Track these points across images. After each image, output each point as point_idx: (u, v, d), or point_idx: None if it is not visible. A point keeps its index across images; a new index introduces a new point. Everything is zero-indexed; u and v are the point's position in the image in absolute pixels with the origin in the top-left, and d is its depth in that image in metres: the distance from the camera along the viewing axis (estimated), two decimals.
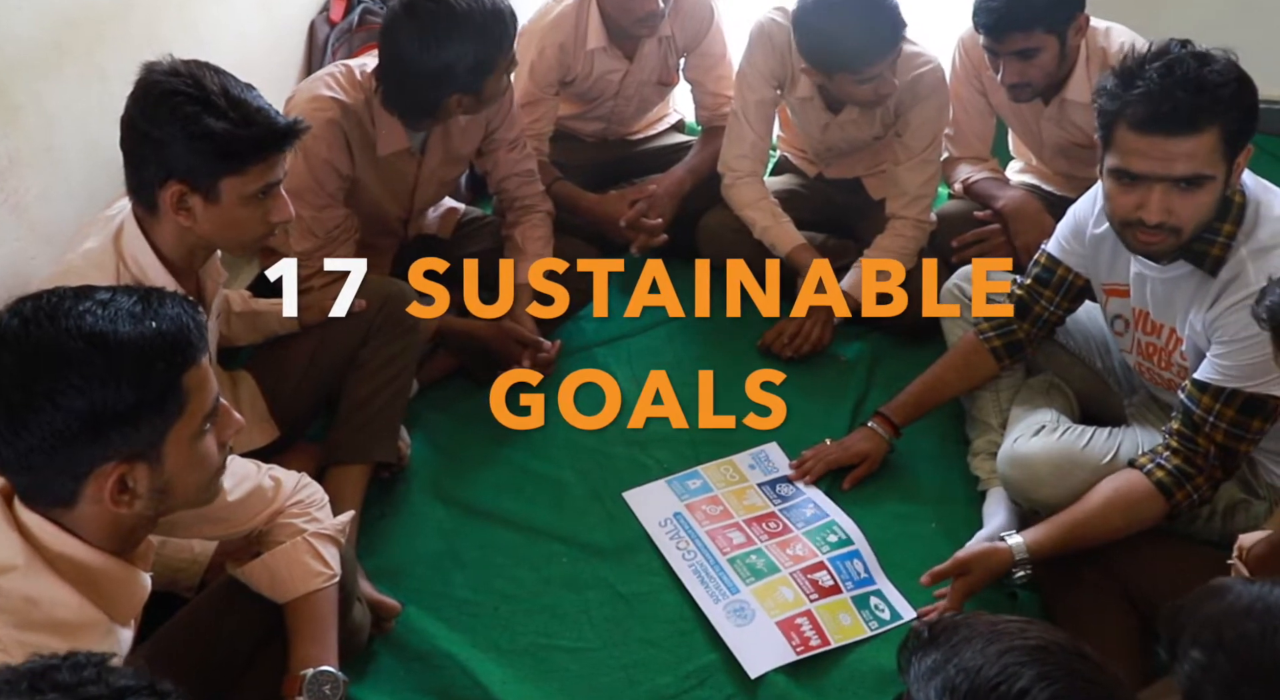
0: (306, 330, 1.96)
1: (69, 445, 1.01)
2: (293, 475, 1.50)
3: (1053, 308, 1.95)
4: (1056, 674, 0.78)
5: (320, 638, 1.41)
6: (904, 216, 2.37)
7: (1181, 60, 1.53)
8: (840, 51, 2.08)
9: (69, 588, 1.07)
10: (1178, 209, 1.55)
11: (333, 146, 1.98)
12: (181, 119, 1.43)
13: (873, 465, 2.06)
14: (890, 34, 2.06)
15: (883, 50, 2.06)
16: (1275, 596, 0.91)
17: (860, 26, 2.04)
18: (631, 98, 2.58)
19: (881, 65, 2.08)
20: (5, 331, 1.01)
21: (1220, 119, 1.50)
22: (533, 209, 2.36)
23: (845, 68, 2.09)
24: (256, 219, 1.55)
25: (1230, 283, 1.61)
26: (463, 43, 1.87)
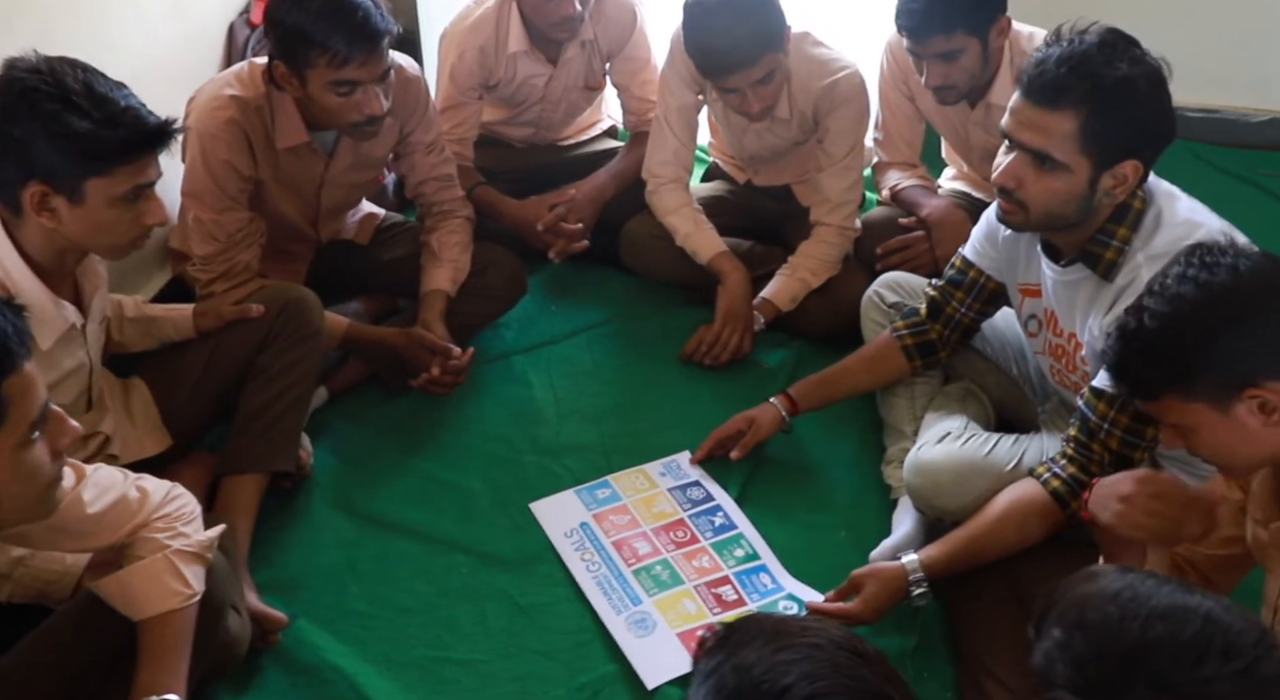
0: (202, 336, 1.92)
1: None
2: (163, 486, 1.44)
3: (964, 310, 1.93)
4: (823, 671, 0.76)
5: (168, 664, 1.35)
6: (827, 223, 2.34)
7: (1084, 40, 1.52)
8: (704, 60, 2.07)
9: None
10: (1027, 184, 1.56)
11: (232, 147, 1.94)
12: (41, 117, 1.39)
13: (759, 434, 2.02)
14: (750, 47, 2.01)
15: (741, 62, 2.02)
16: (1145, 587, 0.90)
17: (722, 37, 2.02)
18: (558, 103, 2.55)
19: (741, 78, 2.05)
20: None
21: (1082, 106, 1.49)
22: (451, 214, 2.33)
23: (708, 74, 2.08)
24: (127, 222, 1.51)
25: (1125, 289, 1.58)
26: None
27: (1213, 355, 1.21)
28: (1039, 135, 1.53)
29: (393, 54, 2.11)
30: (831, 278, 2.35)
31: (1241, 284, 1.21)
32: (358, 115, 1.90)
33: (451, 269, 2.27)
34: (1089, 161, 1.53)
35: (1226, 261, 1.22)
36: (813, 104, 2.24)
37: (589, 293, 2.56)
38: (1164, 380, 1.25)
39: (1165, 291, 1.23)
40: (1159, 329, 1.22)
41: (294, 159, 2.05)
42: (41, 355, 1.53)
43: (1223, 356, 1.20)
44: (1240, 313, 1.20)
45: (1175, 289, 1.22)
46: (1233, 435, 1.23)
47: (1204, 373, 1.22)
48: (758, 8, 2.02)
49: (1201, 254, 1.24)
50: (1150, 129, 1.53)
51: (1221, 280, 1.21)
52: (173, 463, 1.92)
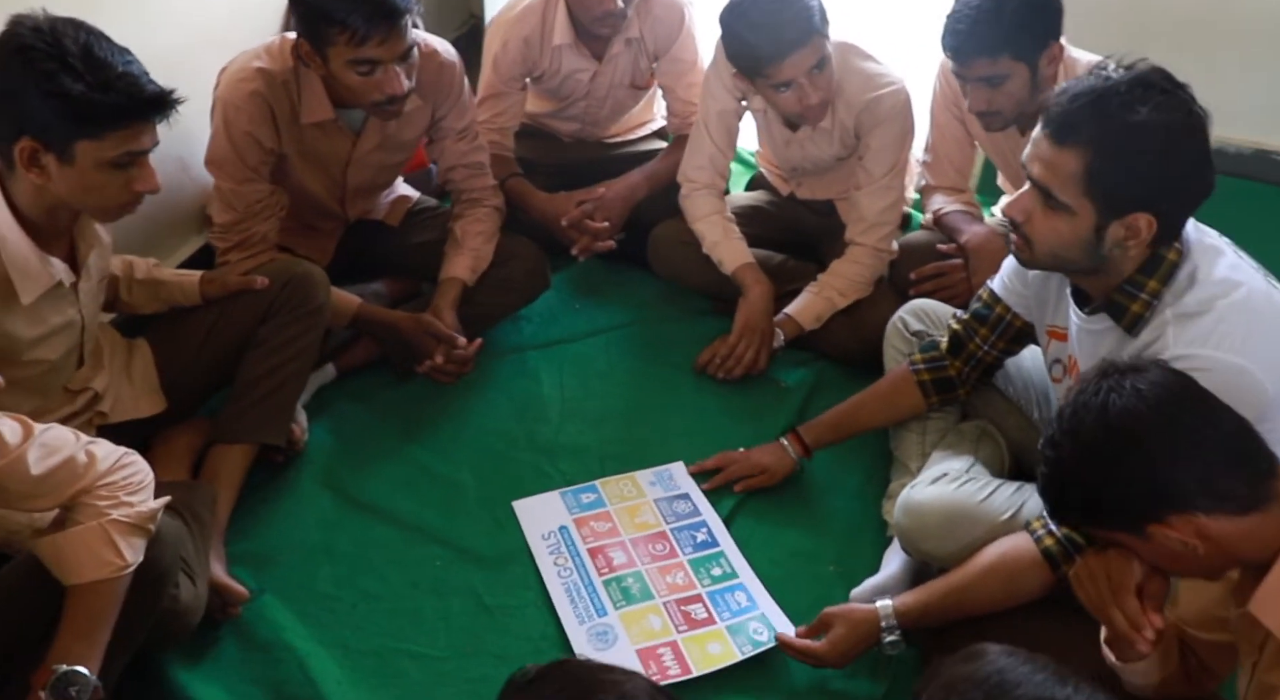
0: (208, 304, 1.93)
1: None
2: (115, 453, 1.43)
3: (987, 347, 1.82)
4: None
5: (88, 633, 1.35)
6: (862, 243, 2.25)
7: (1117, 76, 1.41)
8: (750, 51, 1.98)
9: None
10: (1034, 220, 1.48)
11: (254, 119, 1.95)
12: (35, 76, 1.40)
13: (771, 479, 1.98)
14: (797, 29, 1.93)
15: (790, 46, 1.94)
16: (1017, 674, 0.87)
17: (765, 26, 1.94)
18: (603, 99, 2.51)
19: (794, 65, 1.96)
20: None
21: (1089, 147, 1.39)
22: (479, 203, 2.31)
23: (759, 71, 1.99)
24: (116, 186, 1.51)
25: (1149, 346, 1.46)
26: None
27: (1114, 491, 1.14)
28: (1047, 171, 1.43)
29: (428, 38, 2.12)
30: (860, 300, 2.26)
31: (1144, 411, 1.13)
32: (379, 94, 1.89)
33: (472, 258, 2.25)
34: (1093, 207, 1.42)
35: (1130, 384, 1.14)
36: (855, 118, 2.15)
37: (615, 293, 2.52)
38: (1071, 512, 1.21)
39: (1068, 418, 1.17)
40: (1057, 460, 1.17)
41: (320, 135, 2.05)
42: (25, 310, 1.57)
43: (1123, 493, 1.14)
44: (1140, 446, 1.13)
45: (1077, 416, 1.15)
46: (1167, 557, 1.17)
47: (1107, 508, 1.16)
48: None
49: (1107, 374, 1.17)
50: (1165, 183, 1.40)
51: (1122, 407, 1.13)
52: (169, 426, 1.95)
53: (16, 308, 1.55)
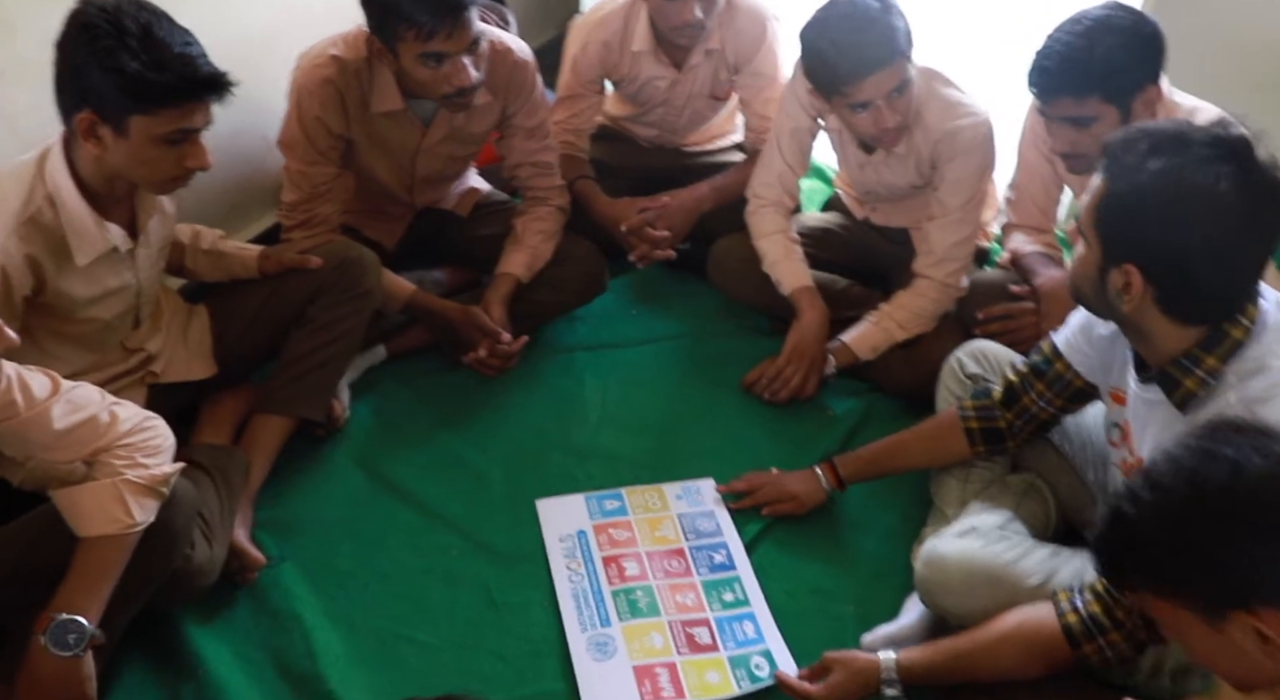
0: (264, 278, 2.00)
1: None
2: (137, 415, 1.49)
3: (1043, 403, 1.74)
4: None
5: (90, 585, 1.40)
6: (929, 276, 2.18)
7: (1175, 126, 1.36)
8: (830, 68, 1.93)
9: None
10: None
11: (325, 105, 2.00)
12: (96, 52, 1.46)
13: (799, 508, 1.94)
14: (879, 50, 1.88)
15: (871, 67, 1.88)
16: None
17: (847, 40, 1.88)
18: (682, 108, 2.50)
19: (873, 86, 1.90)
20: None
21: (1104, 183, 1.38)
22: (543, 202, 2.33)
23: (836, 89, 1.94)
24: (168, 161, 1.57)
25: None
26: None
27: (1196, 566, 1.01)
28: (1088, 194, 1.41)
29: (502, 36, 2.15)
30: (921, 334, 2.19)
31: (1241, 487, 0.99)
32: (448, 87, 1.92)
33: (529, 255, 2.27)
34: (1099, 242, 1.38)
35: (1229, 453, 1.00)
36: (932, 146, 2.09)
37: (673, 303, 2.50)
38: (1132, 576, 1.08)
39: (1154, 477, 1.04)
40: (1136, 517, 1.04)
41: (390, 124, 2.09)
42: (81, 271, 1.64)
43: (1207, 570, 1.01)
44: (1234, 523, 1.00)
45: (1165, 477, 1.03)
46: (1224, 653, 1.03)
47: (1185, 583, 1.03)
48: (881, 12, 1.89)
49: (1208, 437, 1.04)
50: (1165, 247, 1.32)
51: (1218, 478, 1.00)
52: (218, 391, 2.02)
53: (72, 268, 1.63)
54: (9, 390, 1.37)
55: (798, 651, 1.72)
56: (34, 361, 1.66)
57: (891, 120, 1.95)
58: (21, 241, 1.55)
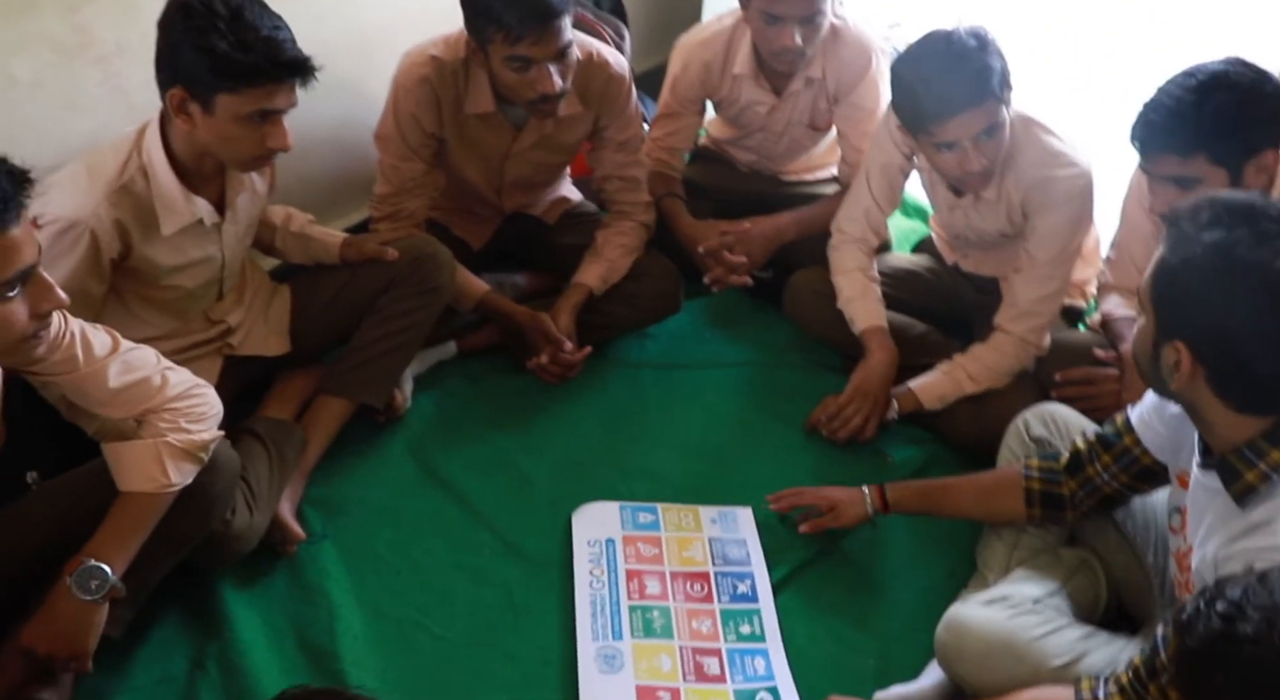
0: (345, 265, 2.08)
1: None
2: (188, 381, 1.57)
3: (1106, 476, 1.65)
4: None
5: (120, 537, 1.48)
6: (1008, 331, 2.10)
7: (1236, 198, 1.28)
8: (917, 105, 1.87)
9: None
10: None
11: (420, 103, 2.07)
12: (189, 32, 1.56)
13: (836, 520, 1.89)
14: (969, 89, 1.81)
15: (959, 106, 1.82)
16: None
17: (937, 77, 1.83)
18: (780, 135, 2.48)
19: (960, 126, 1.84)
20: None
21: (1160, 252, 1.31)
22: (627, 216, 2.35)
23: (923, 126, 1.88)
24: (252, 140, 1.66)
25: (1260, 527, 1.29)
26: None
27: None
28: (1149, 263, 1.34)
29: (601, 49, 2.18)
30: (993, 390, 2.11)
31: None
32: (533, 92, 1.96)
33: (605, 268, 2.29)
34: (1153, 317, 1.31)
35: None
36: (1024, 194, 2.01)
37: (747, 331, 2.48)
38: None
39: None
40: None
41: (482, 126, 2.15)
42: (166, 240, 1.75)
43: None
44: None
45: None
46: None
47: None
48: (977, 50, 1.83)
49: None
50: (1203, 324, 1.26)
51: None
52: (290, 368, 2.10)
53: (158, 237, 1.74)
54: (71, 345, 1.47)
55: (806, 698, 1.68)
56: (121, 322, 1.79)
57: (977, 163, 1.88)
58: (112, 207, 1.66)
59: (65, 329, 1.47)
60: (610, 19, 2.82)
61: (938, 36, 1.87)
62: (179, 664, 1.69)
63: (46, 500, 1.60)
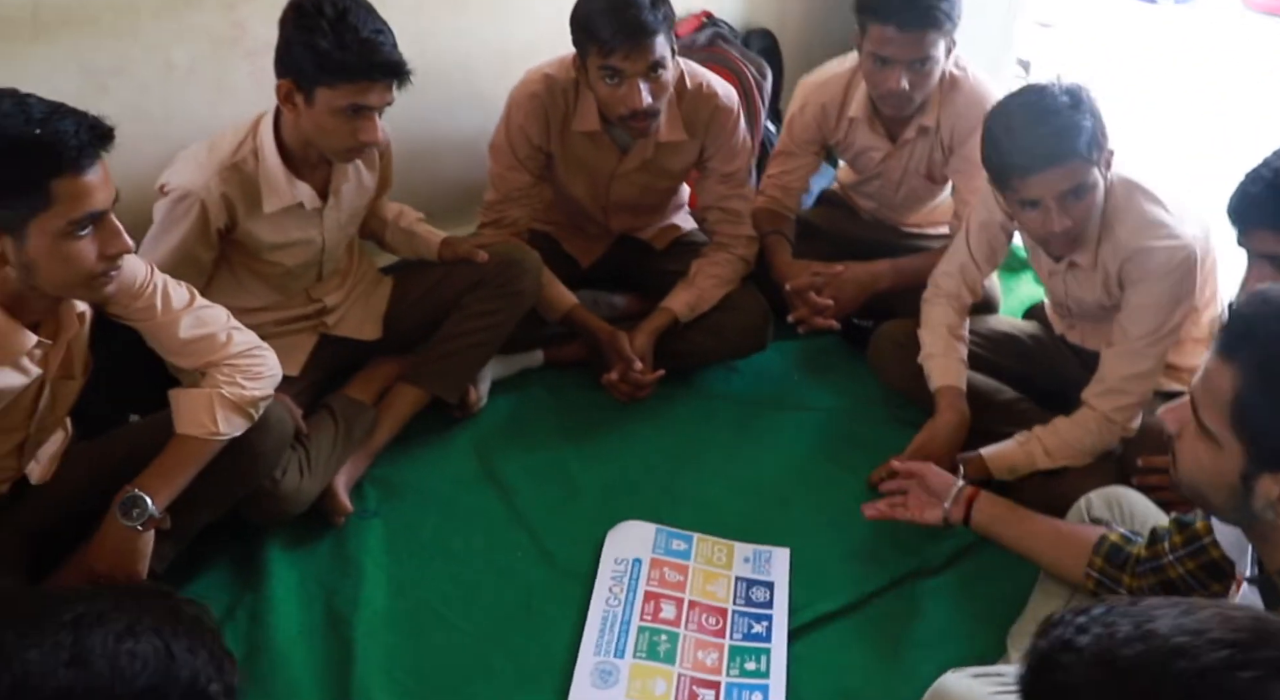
0: (441, 263, 2.20)
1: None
2: (250, 342, 1.71)
3: (1173, 557, 1.53)
4: None
5: (166, 474, 1.61)
6: (1094, 407, 1.98)
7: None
8: (1001, 158, 1.80)
9: None
10: (1184, 437, 1.23)
11: (530, 117, 2.17)
12: (298, 28, 1.72)
13: (909, 509, 1.88)
14: (1054, 145, 1.73)
15: (1041, 162, 1.74)
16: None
17: (1023, 130, 1.75)
18: (896, 184, 2.44)
19: (1041, 184, 1.75)
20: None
21: (1244, 371, 1.13)
22: (726, 248, 2.37)
23: (1007, 182, 1.81)
24: (344, 132, 1.79)
25: None
26: None
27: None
28: (1201, 383, 1.18)
29: (712, 81, 2.22)
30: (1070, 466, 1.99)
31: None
32: (623, 107, 2.03)
33: (695, 296, 2.32)
34: (1242, 446, 1.14)
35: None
36: (1120, 264, 1.90)
37: (836, 378, 2.45)
38: None
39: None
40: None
41: (588, 144, 2.23)
42: (267, 217, 1.91)
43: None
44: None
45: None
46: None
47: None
48: (1068, 107, 1.75)
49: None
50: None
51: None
52: (381, 354, 2.24)
53: (260, 214, 1.90)
54: (152, 295, 1.63)
55: None
56: (229, 289, 1.98)
57: (1059, 224, 1.80)
58: (221, 182, 1.83)
59: (150, 280, 1.64)
60: (755, 59, 2.87)
61: (1031, 90, 1.80)
62: (214, 609, 1.79)
63: (128, 437, 1.78)
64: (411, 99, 2.42)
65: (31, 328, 1.48)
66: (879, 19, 2.05)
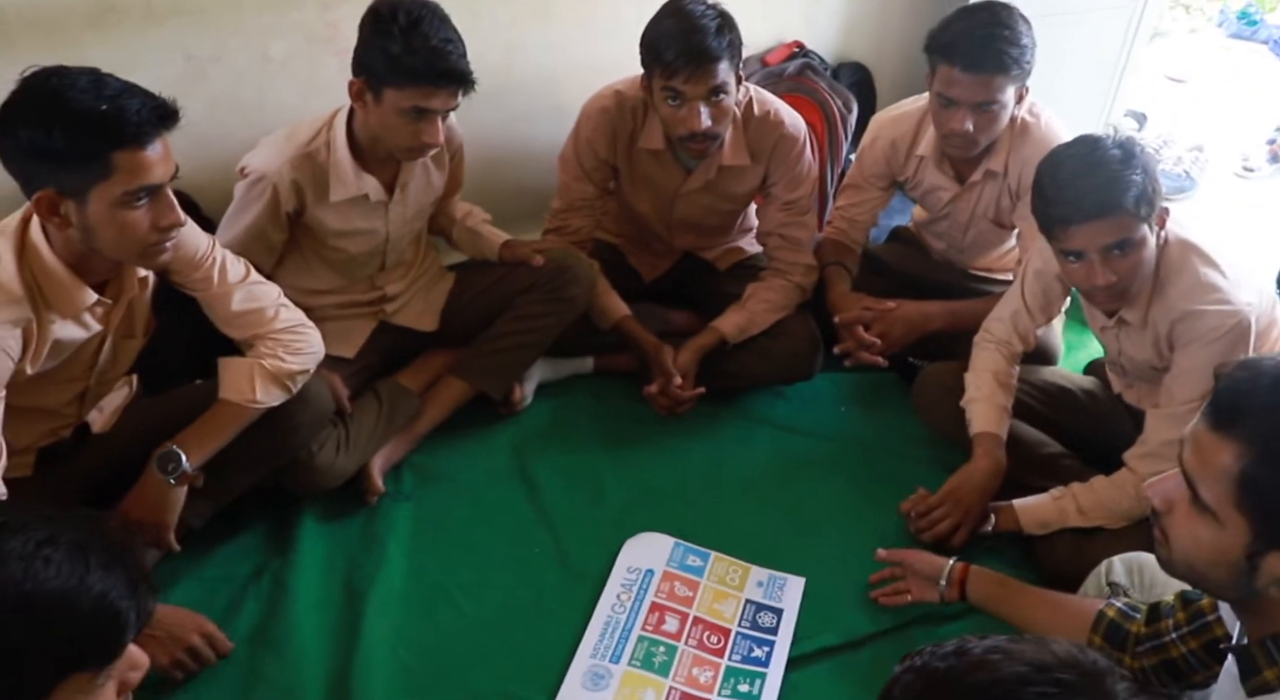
0: (501, 263, 2.28)
1: (19, 164, 1.45)
2: (295, 319, 1.83)
3: (1175, 635, 1.47)
4: None
5: (204, 434, 1.73)
6: (1134, 469, 1.92)
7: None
8: (1046, 206, 1.76)
9: (16, 265, 1.51)
10: (1176, 514, 1.17)
11: (597, 131, 2.24)
12: (374, 31, 1.81)
13: (910, 590, 1.89)
14: (1101, 197, 1.68)
15: (1084, 214, 1.70)
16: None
17: (1070, 180, 1.71)
18: (964, 227, 2.41)
19: (1083, 236, 1.72)
20: (29, 84, 1.44)
21: (1248, 446, 1.09)
22: (783, 274, 2.38)
23: (1052, 230, 1.77)
24: (407, 132, 1.88)
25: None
26: None
27: None
28: (1196, 458, 1.13)
29: (780, 109, 2.25)
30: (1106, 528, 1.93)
31: None
32: (683, 128, 2.07)
33: (745, 319, 2.34)
34: (1246, 523, 1.09)
35: None
36: (1170, 325, 1.85)
37: (884, 415, 2.42)
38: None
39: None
40: None
41: (653, 162, 2.28)
42: (334, 205, 2.01)
43: None
44: None
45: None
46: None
47: None
48: (1119, 161, 1.71)
49: None
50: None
51: None
52: (435, 346, 2.33)
53: (327, 202, 2.01)
54: (210, 267, 1.76)
55: None
56: (297, 270, 2.10)
57: (1102, 278, 1.76)
58: (293, 169, 1.95)
59: (210, 253, 1.76)
60: (843, 92, 2.88)
61: (1084, 141, 1.77)
62: (243, 569, 1.94)
63: (186, 397, 1.91)
64: (495, 107, 2.55)
65: (96, 288, 1.61)
66: (946, 59, 2.05)
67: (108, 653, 0.89)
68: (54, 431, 1.78)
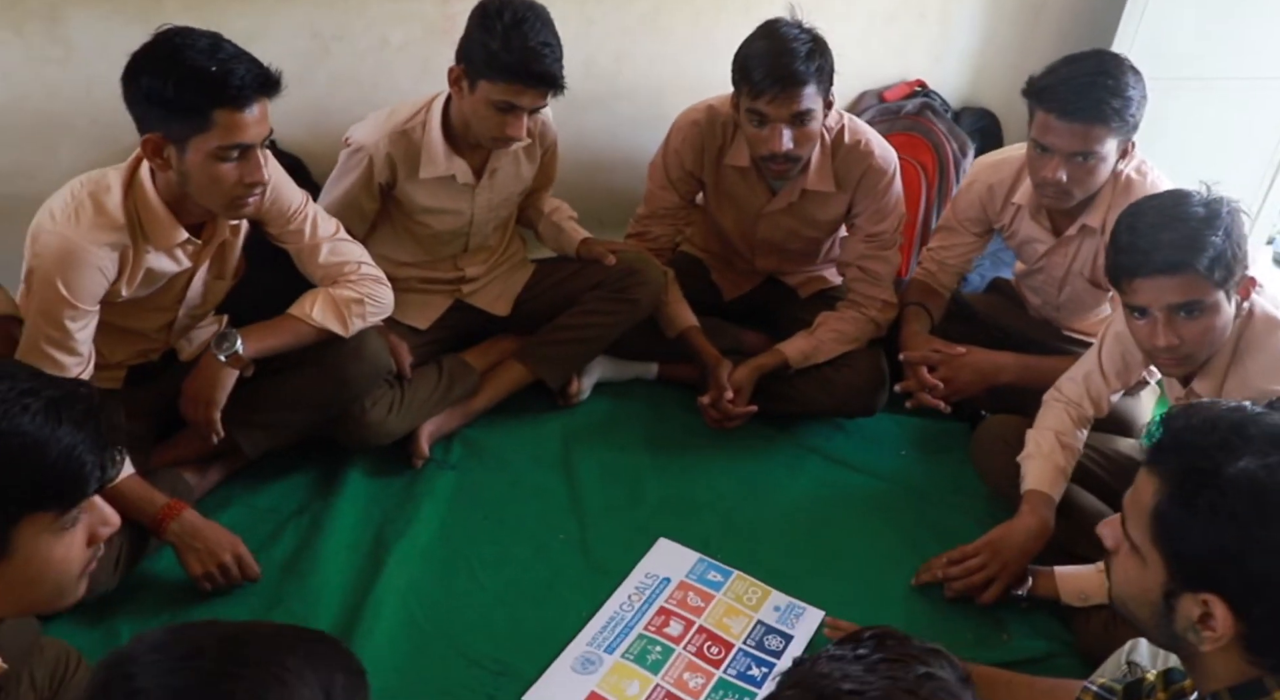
0: (578, 259, 2.34)
1: (137, 106, 1.60)
2: (377, 276, 1.98)
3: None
4: None
5: (263, 331, 1.88)
6: None
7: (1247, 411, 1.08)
8: (1116, 258, 1.70)
9: (122, 197, 1.67)
10: (1120, 552, 1.17)
11: (686, 143, 2.28)
12: (479, 26, 1.91)
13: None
14: (1172, 253, 1.61)
15: (1153, 267, 1.62)
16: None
17: (1144, 231, 1.64)
18: (1059, 282, 2.33)
19: (1150, 291, 1.64)
20: (158, 39, 1.59)
21: (1166, 484, 1.10)
22: (857, 306, 2.36)
23: (1118, 281, 1.70)
24: (494, 123, 1.97)
25: None
26: None
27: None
28: (1132, 494, 1.14)
29: (873, 141, 2.24)
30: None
31: None
32: (764, 149, 2.09)
33: (811, 346, 2.32)
34: (1162, 562, 1.08)
35: None
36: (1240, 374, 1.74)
37: (945, 462, 2.35)
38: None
39: None
40: None
41: (738, 179, 2.30)
42: (422, 182, 2.12)
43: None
44: None
45: None
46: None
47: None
48: (1200, 220, 1.63)
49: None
50: (1254, 574, 1.01)
51: None
52: (506, 330, 2.41)
53: (417, 179, 2.12)
54: (303, 222, 1.90)
55: None
56: (386, 240, 2.23)
57: (1165, 339, 1.67)
58: (390, 143, 2.07)
59: (302, 209, 1.91)
60: (960, 135, 2.84)
61: (1171, 194, 1.70)
62: (289, 505, 2.05)
63: None
64: (601, 113, 2.63)
65: (191, 229, 1.76)
66: (1043, 105, 1.99)
67: (68, 498, 1.00)
68: (144, 353, 1.95)
